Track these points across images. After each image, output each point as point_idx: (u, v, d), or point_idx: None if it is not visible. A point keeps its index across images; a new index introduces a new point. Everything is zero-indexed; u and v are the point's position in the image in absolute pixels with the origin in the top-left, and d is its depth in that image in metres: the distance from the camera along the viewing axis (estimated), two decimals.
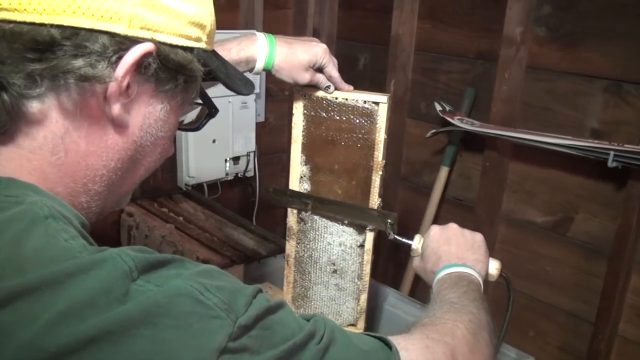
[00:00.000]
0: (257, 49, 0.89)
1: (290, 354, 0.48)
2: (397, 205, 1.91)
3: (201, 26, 0.57)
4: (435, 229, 0.89)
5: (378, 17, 1.83)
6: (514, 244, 1.61)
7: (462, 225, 1.68)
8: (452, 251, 0.84)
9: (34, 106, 0.49)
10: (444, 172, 1.69)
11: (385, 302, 1.23)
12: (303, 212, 1.03)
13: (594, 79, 1.36)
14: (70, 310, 0.41)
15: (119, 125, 0.54)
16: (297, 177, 1.02)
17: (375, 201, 0.99)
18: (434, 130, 1.60)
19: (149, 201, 1.57)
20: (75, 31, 0.48)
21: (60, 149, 0.52)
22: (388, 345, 0.57)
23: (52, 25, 0.47)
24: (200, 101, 0.66)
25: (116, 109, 0.52)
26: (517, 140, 1.44)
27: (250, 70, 0.91)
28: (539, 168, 1.51)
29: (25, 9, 0.46)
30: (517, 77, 1.48)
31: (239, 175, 1.91)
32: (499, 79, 1.51)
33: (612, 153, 1.24)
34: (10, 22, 0.47)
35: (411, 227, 1.82)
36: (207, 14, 0.58)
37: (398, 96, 1.80)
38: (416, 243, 0.91)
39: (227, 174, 1.86)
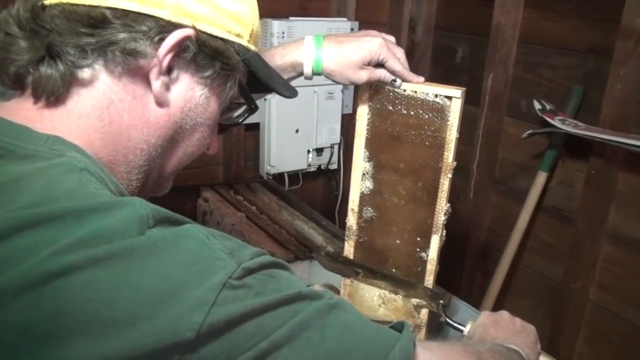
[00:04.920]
0: (302, 53, 0.83)
1: (295, 298, 0.49)
2: (489, 210, 1.77)
3: (243, 24, 0.62)
4: (484, 315, 0.83)
5: (480, 6, 1.69)
6: (619, 265, 1.42)
7: (560, 237, 1.53)
8: (499, 335, 0.77)
9: (84, 76, 0.55)
10: (541, 177, 1.53)
11: (454, 317, 1.12)
12: (365, 214, 0.96)
13: None
14: (86, 239, 0.44)
15: (161, 104, 0.59)
16: (359, 175, 0.95)
17: (442, 207, 0.90)
18: (530, 131, 1.44)
19: (226, 188, 1.57)
20: (124, 13, 0.54)
21: (106, 118, 0.56)
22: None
23: (105, 7, 0.53)
24: (242, 100, 0.69)
25: (157, 86, 0.57)
26: (631, 148, 1.25)
27: (301, 75, 0.86)
28: None
29: None
30: (634, 75, 1.29)
31: (322, 167, 1.86)
32: (613, 77, 1.33)
33: None
34: (71, 4, 0.54)
35: (502, 234, 1.68)
36: (251, 15, 0.63)
37: (496, 92, 1.65)
38: (467, 329, 0.84)
39: (309, 165, 1.82)
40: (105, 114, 0.56)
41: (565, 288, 1.52)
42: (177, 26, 0.55)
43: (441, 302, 0.90)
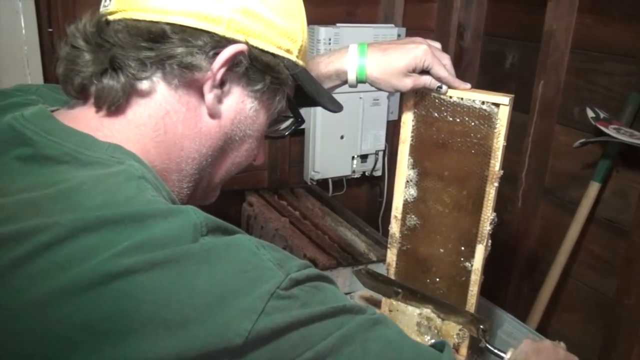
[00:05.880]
0: (346, 61, 0.84)
1: (340, 311, 0.50)
2: (537, 220, 1.72)
3: (292, 40, 0.64)
4: (526, 342, 0.81)
5: (531, 11, 1.65)
6: None
7: (613, 250, 1.47)
8: None
9: (143, 87, 0.58)
10: (594, 188, 1.47)
11: (499, 330, 1.09)
12: (409, 222, 0.95)
13: None
14: (144, 243, 0.46)
15: (213, 115, 0.61)
16: (403, 182, 0.94)
17: (488, 216, 0.88)
18: (582, 140, 1.39)
19: (270, 193, 1.58)
20: (182, 28, 0.56)
21: (161, 128, 0.59)
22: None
23: (165, 23, 0.56)
24: (289, 113, 0.71)
25: (210, 98, 0.60)
26: None
27: (345, 83, 0.86)
28: None
29: (146, 10, 0.57)
30: None
31: (367, 173, 1.85)
32: None
33: None
34: (133, 20, 0.57)
35: (551, 245, 1.63)
36: (300, 31, 0.65)
37: (547, 99, 1.61)
38: (508, 356, 0.83)
39: (353, 172, 1.82)
40: (160, 123, 0.59)
41: (618, 303, 1.46)
42: (230, 41, 0.58)
43: (482, 327, 0.89)
